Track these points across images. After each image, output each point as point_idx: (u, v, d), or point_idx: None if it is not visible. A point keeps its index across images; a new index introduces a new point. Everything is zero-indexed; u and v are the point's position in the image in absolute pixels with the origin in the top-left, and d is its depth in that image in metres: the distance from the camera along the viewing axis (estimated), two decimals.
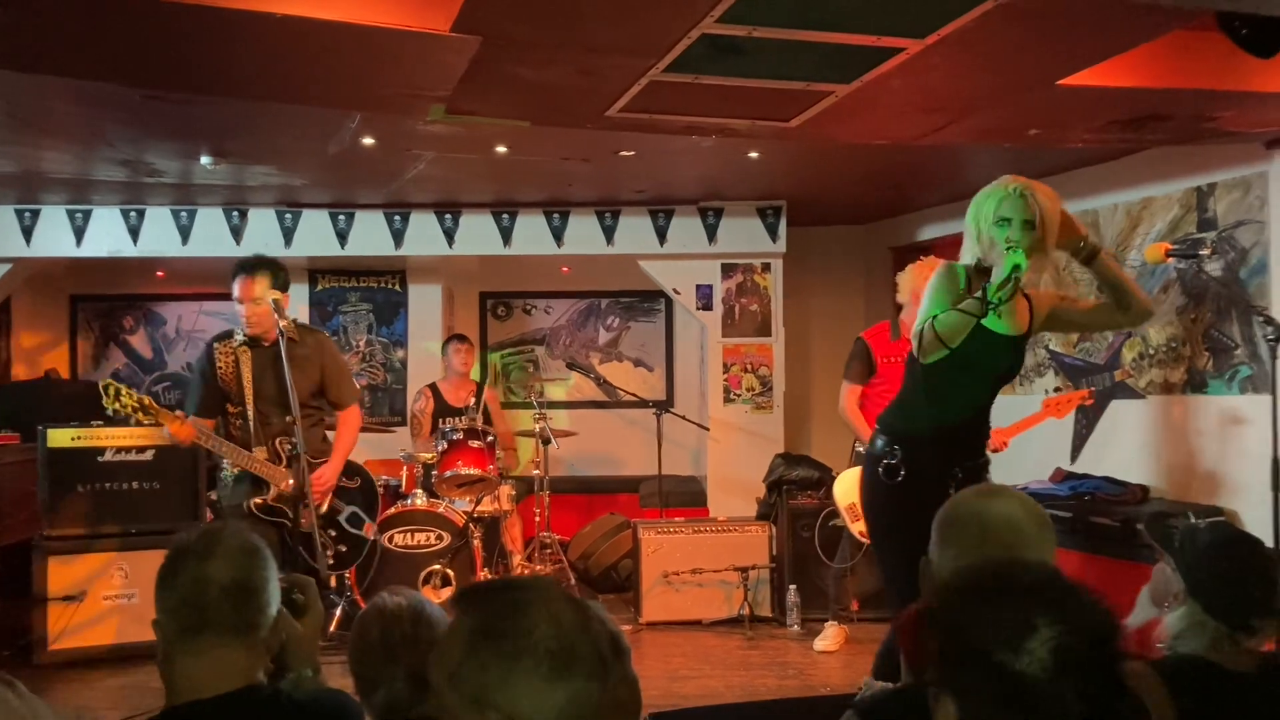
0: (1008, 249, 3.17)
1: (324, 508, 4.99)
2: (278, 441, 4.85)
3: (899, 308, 5.57)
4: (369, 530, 5.25)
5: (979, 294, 3.19)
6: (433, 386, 7.29)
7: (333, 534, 5.08)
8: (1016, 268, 3.08)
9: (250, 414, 4.82)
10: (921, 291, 3.46)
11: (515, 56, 3.77)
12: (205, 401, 4.93)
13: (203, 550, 1.89)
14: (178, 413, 4.77)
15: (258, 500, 4.82)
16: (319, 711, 1.92)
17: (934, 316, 3.23)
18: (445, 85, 4.07)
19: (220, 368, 4.89)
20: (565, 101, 4.35)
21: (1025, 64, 3.90)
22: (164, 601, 1.89)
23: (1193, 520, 2.40)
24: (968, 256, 3.38)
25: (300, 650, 2.09)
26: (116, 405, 4.56)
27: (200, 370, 5.01)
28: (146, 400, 4.61)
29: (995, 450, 5.07)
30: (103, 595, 5.52)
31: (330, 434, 5.18)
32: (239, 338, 4.91)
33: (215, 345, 4.96)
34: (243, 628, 1.86)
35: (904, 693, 1.89)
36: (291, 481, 4.81)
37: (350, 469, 5.19)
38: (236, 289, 4.82)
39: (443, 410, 7.12)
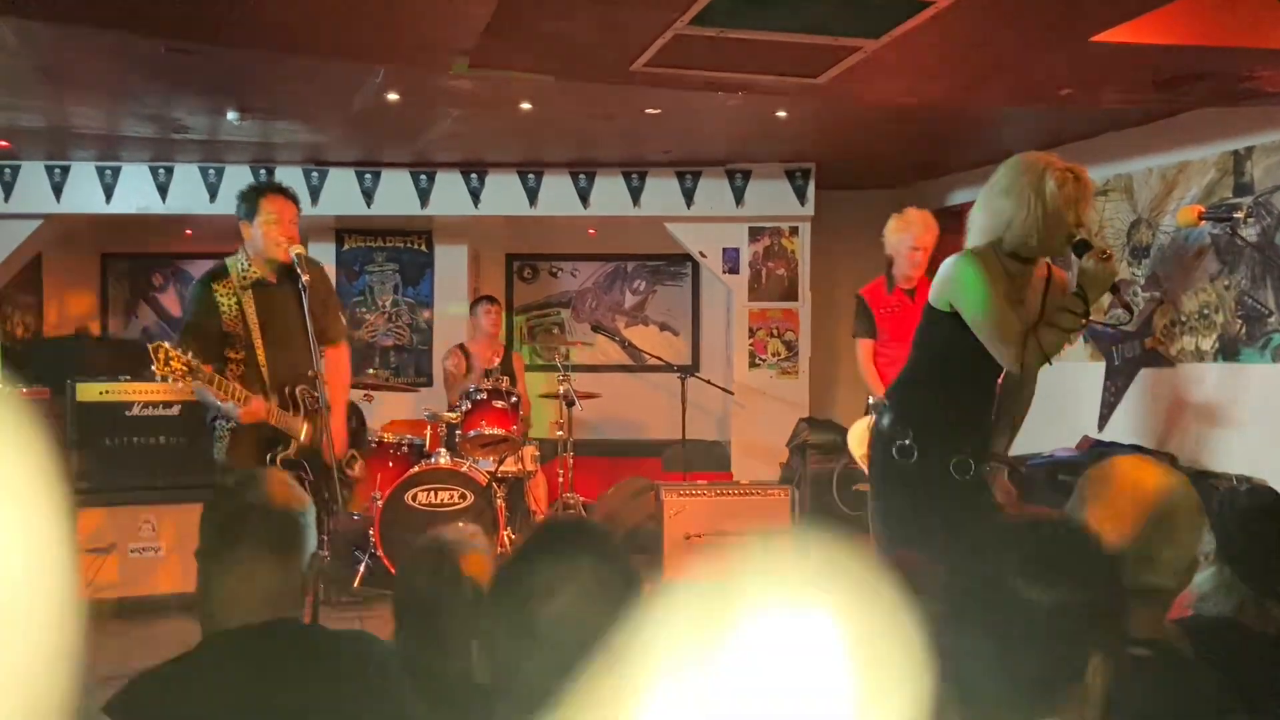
0: (1080, 239, 3.05)
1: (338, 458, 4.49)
2: (299, 390, 4.38)
3: (890, 261, 5.71)
4: (359, 469, 5.05)
5: (1075, 307, 3.04)
6: (461, 346, 7.30)
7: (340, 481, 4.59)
8: (1114, 275, 3.01)
9: (261, 360, 4.30)
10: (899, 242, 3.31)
11: (537, 8, 3.73)
12: (198, 344, 4.22)
13: (247, 480, 2.02)
14: (245, 393, 4.18)
15: (283, 455, 4.33)
16: (348, 647, 1.96)
17: (1036, 339, 3.08)
18: (468, 38, 4.04)
19: (224, 310, 4.30)
20: (589, 55, 4.31)
21: (1056, 18, 3.82)
22: (209, 522, 1.97)
23: (1235, 483, 2.35)
24: (983, 237, 3.19)
25: None
26: (166, 370, 4.03)
27: (198, 311, 4.35)
28: (195, 363, 4.06)
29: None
30: (129, 548, 5.58)
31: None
32: (242, 273, 4.32)
33: (214, 285, 4.32)
34: (280, 545, 1.92)
35: None
36: (307, 430, 4.41)
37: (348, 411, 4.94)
38: (272, 211, 4.24)
39: (469, 370, 7.14)
